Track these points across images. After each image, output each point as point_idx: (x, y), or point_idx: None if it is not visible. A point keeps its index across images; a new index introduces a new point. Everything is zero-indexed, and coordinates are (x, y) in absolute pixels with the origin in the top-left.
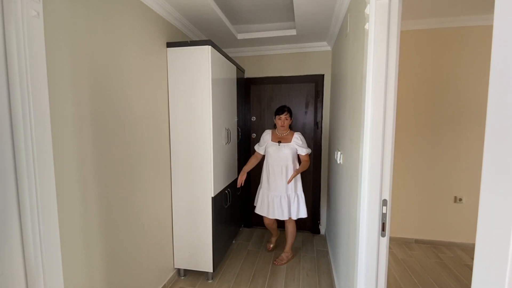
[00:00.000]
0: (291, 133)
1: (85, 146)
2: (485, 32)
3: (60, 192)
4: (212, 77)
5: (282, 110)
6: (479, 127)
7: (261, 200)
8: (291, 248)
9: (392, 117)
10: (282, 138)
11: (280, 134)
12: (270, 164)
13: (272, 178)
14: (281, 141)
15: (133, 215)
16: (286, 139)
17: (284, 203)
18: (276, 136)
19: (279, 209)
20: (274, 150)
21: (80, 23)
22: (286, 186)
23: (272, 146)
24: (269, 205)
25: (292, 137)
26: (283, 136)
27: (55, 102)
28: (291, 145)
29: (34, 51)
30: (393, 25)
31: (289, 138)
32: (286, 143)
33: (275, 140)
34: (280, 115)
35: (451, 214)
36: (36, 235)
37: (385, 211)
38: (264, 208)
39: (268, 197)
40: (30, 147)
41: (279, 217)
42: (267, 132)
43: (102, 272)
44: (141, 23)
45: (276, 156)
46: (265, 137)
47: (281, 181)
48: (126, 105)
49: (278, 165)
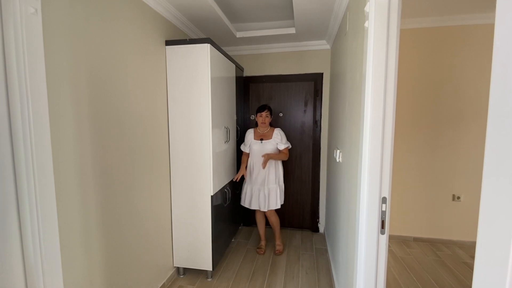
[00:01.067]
0: (271, 129)
1: (84, 145)
2: (484, 30)
3: (59, 191)
4: (211, 75)
5: (263, 107)
6: (478, 126)
7: (244, 193)
8: (280, 237)
9: (392, 115)
10: (263, 136)
11: (261, 132)
12: (255, 161)
13: (256, 173)
14: (263, 138)
15: (132, 213)
16: (267, 136)
17: (262, 195)
18: (258, 134)
19: (262, 200)
20: (257, 147)
21: (78, 21)
22: (267, 179)
23: (255, 144)
24: (252, 197)
25: (273, 134)
26: (265, 134)
27: (53, 100)
28: (272, 141)
29: (32, 49)
30: (392, 23)
31: (270, 134)
32: (268, 140)
33: (257, 138)
34: (261, 112)
35: (449, 212)
36: (35, 234)
37: (384, 209)
38: (247, 200)
39: (252, 190)
40: (29, 147)
41: (261, 208)
42: (249, 132)
43: (101, 271)
44: (139, 21)
45: (259, 153)
46: (248, 136)
47: (264, 175)
48: (125, 103)
49: (261, 161)
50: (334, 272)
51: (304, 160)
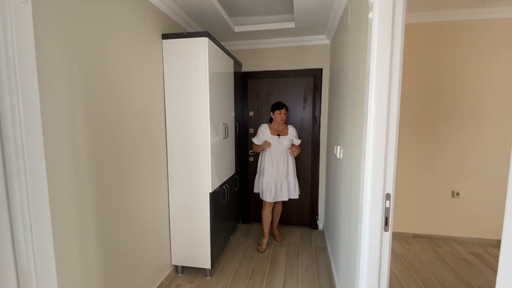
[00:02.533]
0: (286, 126)
1: (78, 142)
2: (486, 25)
3: (52, 190)
4: (210, 70)
5: (282, 105)
6: (478, 122)
7: (266, 188)
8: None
9: (396, 109)
10: (280, 131)
11: (277, 128)
12: (274, 155)
13: (275, 167)
14: (280, 134)
15: (129, 212)
16: (283, 132)
17: (284, 187)
18: (274, 130)
19: (284, 192)
20: (275, 143)
21: (71, 13)
22: (287, 172)
23: (273, 140)
24: (275, 191)
25: (288, 130)
26: (280, 130)
27: (45, 96)
28: (289, 137)
29: (22, 40)
30: (398, 14)
31: (286, 130)
32: (285, 135)
33: (274, 134)
34: (280, 110)
35: (448, 209)
36: (27, 235)
37: (388, 206)
38: (272, 194)
39: (275, 183)
40: (20, 145)
41: (283, 199)
42: (265, 127)
43: (97, 270)
44: (135, 13)
45: (277, 148)
46: (265, 132)
47: (283, 169)
48: (120, 98)
49: (280, 155)
50: (334, 269)
51: (303, 157)
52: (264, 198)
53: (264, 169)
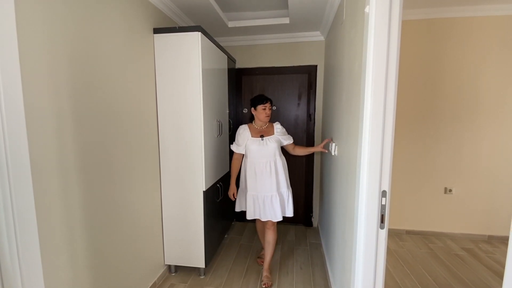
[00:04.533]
0: (271, 124)
1: (65, 141)
2: (481, 22)
3: (37, 190)
4: (203, 66)
5: (266, 98)
6: (471, 120)
7: (251, 204)
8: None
9: (393, 105)
10: (263, 132)
11: (259, 128)
12: (256, 162)
13: (259, 178)
14: (263, 135)
15: (119, 211)
16: (267, 132)
17: (275, 203)
18: (256, 131)
19: (271, 210)
20: (257, 147)
21: (57, 4)
22: (277, 183)
23: (254, 143)
24: (260, 207)
25: (274, 129)
26: (264, 130)
27: (29, 92)
28: (275, 137)
29: (3, 30)
30: (394, 7)
31: (271, 130)
32: (269, 136)
33: (256, 135)
34: (264, 104)
35: (441, 205)
36: (11, 238)
37: (384, 203)
38: (256, 211)
39: (258, 199)
40: (1, 142)
41: (272, 218)
42: (243, 128)
43: (87, 271)
44: (126, 7)
45: (261, 153)
46: (244, 134)
47: (270, 179)
48: (109, 95)
49: (264, 162)
50: (329, 267)
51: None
52: (249, 217)
53: (245, 181)
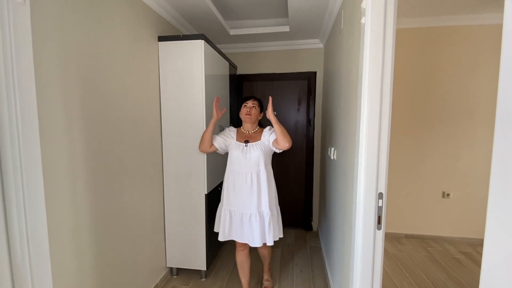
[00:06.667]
0: (260, 129)
1: (75, 143)
2: (474, 31)
3: (48, 191)
4: (206, 72)
5: (249, 96)
6: (467, 125)
7: (226, 221)
8: (270, 269)
9: (388, 111)
10: (249, 137)
11: (246, 132)
12: (236, 171)
13: (238, 190)
14: (248, 140)
15: (123, 213)
16: (254, 138)
17: (255, 224)
18: (242, 135)
19: (249, 232)
20: (239, 153)
21: (68, 14)
22: (258, 199)
23: (237, 149)
24: (237, 226)
25: (262, 134)
26: (251, 135)
27: (42, 97)
28: (261, 143)
29: (20, 41)
30: (389, 19)
31: (258, 136)
32: (255, 141)
33: (241, 140)
34: (246, 102)
35: (439, 209)
36: (23, 236)
37: (381, 204)
38: (232, 230)
39: (236, 215)
40: (16, 146)
41: (249, 242)
42: (231, 130)
43: (92, 272)
44: (132, 15)
45: (242, 161)
46: (229, 134)
47: (250, 194)
48: (116, 101)
49: (245, 173)
50: (329, 270)
51: (298, 159)
52: (220, 238)
53: (223, 194)
